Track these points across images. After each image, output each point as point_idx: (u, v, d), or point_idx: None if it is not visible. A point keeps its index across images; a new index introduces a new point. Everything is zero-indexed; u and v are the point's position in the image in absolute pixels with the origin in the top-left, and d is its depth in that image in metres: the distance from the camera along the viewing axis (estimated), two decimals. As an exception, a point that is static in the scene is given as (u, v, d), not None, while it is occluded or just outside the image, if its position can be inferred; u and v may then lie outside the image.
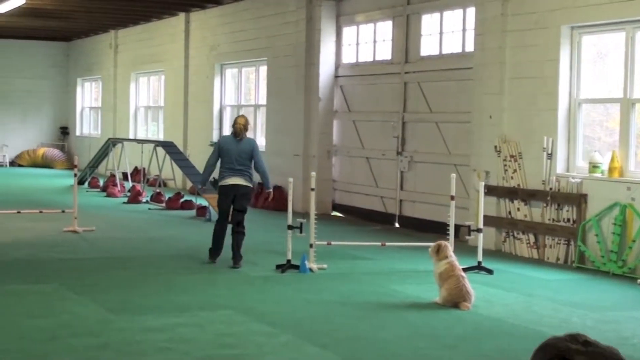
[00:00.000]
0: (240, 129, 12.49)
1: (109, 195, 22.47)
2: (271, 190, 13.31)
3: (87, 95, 35.22)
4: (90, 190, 23.94)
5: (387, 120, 17.85)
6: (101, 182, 24.44)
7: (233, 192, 12.37)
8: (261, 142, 22.33)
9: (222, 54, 23.79)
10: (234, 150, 12.39)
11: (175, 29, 26.17)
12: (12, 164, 33.90)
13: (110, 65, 31.29)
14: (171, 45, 26.43)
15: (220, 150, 12.52)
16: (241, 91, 23.76)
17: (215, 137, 23.83)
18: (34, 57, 34.87)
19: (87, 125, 34.94)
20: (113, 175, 23.95)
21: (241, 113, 21.07)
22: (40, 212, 16.84)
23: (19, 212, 16.58)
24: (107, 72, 31.70)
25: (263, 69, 22.17)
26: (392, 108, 17.70)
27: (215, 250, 12.54)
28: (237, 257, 12.25)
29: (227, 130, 23.79)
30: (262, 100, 22.25)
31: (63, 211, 16.39)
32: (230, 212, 12.56)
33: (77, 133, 34.92)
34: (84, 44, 34.10)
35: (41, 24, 29.32)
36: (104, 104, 32.29)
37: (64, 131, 35.47)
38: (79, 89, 35.15)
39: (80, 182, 22.59)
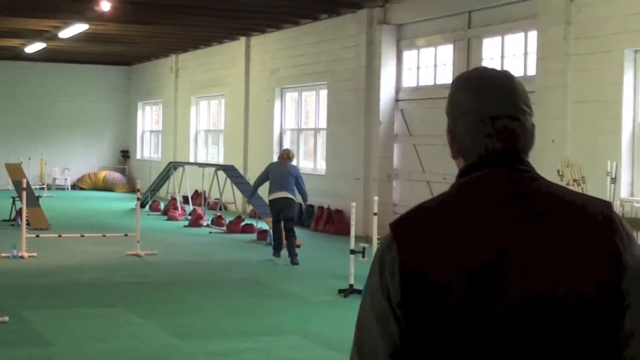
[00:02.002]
0: (284, 157, 15.87)
1: (170, 219, 22.78)
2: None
3: (148, 118, 35.75)
4: (151, 213, 24.27)
5: (448, 144, 17.81)
6: (162, 206, 24.78)
7: (280, 204, 15.21)
8: (321, 165, 22.49)
9: (282, 78, 24.02)
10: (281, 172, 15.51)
11: (235, 53, 26.49)
12: (74, 187, 34.49)
13: (170, 89, 31.75)
14: (232, 69, 26.75)
15: (269, 171, 15.73)
16: (301, 115, 23.96)
17: (275, 161, 24.07)
18: (96, 81, 35.54)
19: (148, 149, 35.42)
20: (174, 199, 24.27)
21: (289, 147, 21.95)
22: (104, 235, 17.15)
23: (82, 236, 16.90)
24: (167, 95, 32.16)
25: (323, 93, 22.34)
26: (453, 132, 17.68)
27: (278, 247, 15.45)
28: (293, 256, 14.99)
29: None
30: (323, 123, 22.40)
31: (126, 235, 16.66)
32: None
33: (138, 156, 35.45)
34: (144, 68, 34.67)
35: (103, 49, 29.89)
36: (165, 128, 32.75)
37: (125, 154, 36.03)
38: (139, 113, 35.72)
39: (142, 206, 22.91)
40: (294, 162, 16.25)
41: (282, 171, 15.51)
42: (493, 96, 2.14)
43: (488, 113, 2.13)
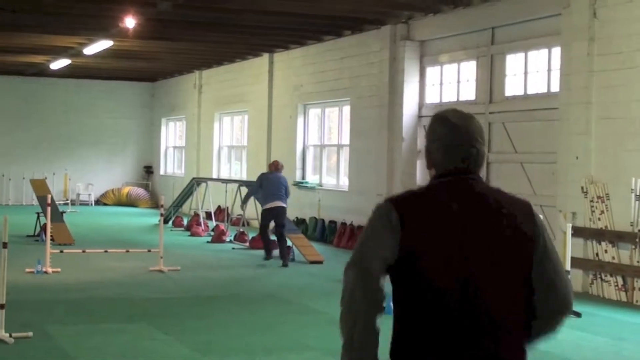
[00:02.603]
0: (276, 168, 17.77)
1: (193, 235, 22.86)
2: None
3: (172, 134, 35.93)
4: (174, 229, 24.36)
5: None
6: (185, 222, 24.87)
7: (276, 212, 16.96)
8: (344, 181, 22.51)
9: (305, 94, 24.10)
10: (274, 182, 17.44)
11: (259, 70, 26.60)
12: (98, 202, 34.69)
13: (194, 105, 31.89)
14: (255, 86, 26.86)
15: (262, 182, 17.60)
16: (324, 131, 24.01)
17: (298, 177, 24.13)
18: (120, 97, 35.78)
19: (171, 165, 35.59)
20: (197, 215, 24.35)
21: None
22: (127, 251, 17.22)
23: (106, 252, 16.98)
24: (191, 112, 32.31)
25: (346, 109, 22.38)
26: (476, 148, 17.65)
27: (269, 251, 17.64)
28: (285, 259, 16.87)
29: (310, 170, 24.17)
30: (345, 140, 22.44)
31: (149, 250, 16.72)
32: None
33: (161, 172, 35.61)
34: (168, 84, 34.87)
35: (127, 65, 30.12)
36: (188, 144, 32.89)
37: (148, 170, 36.21)
38: (163, 129, 35.90)
39: (165, 221, 22.98)
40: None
41: (275, 182, 17.42)
42: (459, 130, 3.26)
43: (455, 141, 3.25)
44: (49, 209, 16.37)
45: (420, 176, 19.53)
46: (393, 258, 3.11)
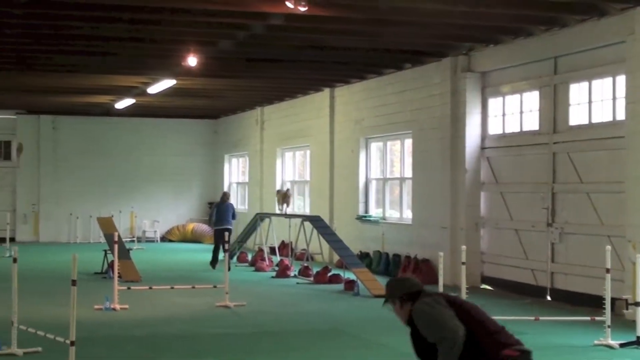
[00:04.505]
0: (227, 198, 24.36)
1: (257, 270, 22.97)
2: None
3: (235, 170, 36.22)
4: (239, 264, 24.50)
5: (536, 191, 17.70)
6: (250, 257, 25.00)
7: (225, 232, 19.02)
8: (407, 214, 22.46)
9: (366, 128, 24.16)
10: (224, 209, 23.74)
11: (320, 104, 26.76)
12: (163, 239, 35.07)
13: (256, 141, 32.15)
14: (316, 120, 27.02)
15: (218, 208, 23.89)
16: (386, 164, 24.01)
17: (361, 211, 24.20)
18: (184, 134, 36.25)
19: (235, 200, 35.76)
20: (261, 250, 24.48)
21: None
22: (193, 287, 17.33)
23: (172, 288, 17.10)
24: (253, 147, 32.58)
25: (408, 142, 22.38)
26: (541, 179, 17.54)
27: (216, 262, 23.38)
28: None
29: (372, 204, 24.26)
30: (408, 172, 22.41)
31: (215, 286, 16.79)
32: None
33: (225, 208, 35.80)
34: (231, 121, 35.23)
35: (190, 103, 30.54)
36: (251, 179, 33.12)
37: (213, 206, 36.42)
38: (226, 165, 36.24)
39: (230, 257, 23.13)
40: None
41: (225, 208, 23.90)
42: None
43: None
44: (116, 246, 16.60)
45: (485, 208, 19.42)
46: None
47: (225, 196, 24.52)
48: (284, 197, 25.58)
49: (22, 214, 34.30)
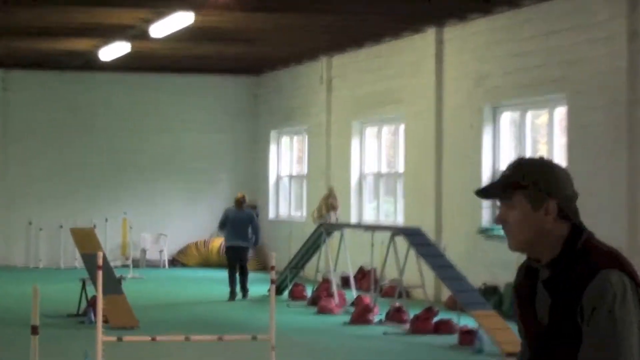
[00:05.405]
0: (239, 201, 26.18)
1: (321, 311, 22.96)
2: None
3: (286, 156, 36.23)
4: (292, 302, 24.50)
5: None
6: (309, 291, 24.98)
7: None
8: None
9: (493, 89, 23.95)
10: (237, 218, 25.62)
11: (420, 53, 26.61)
12: (174, 262, 35.15)
13: (320, 109, 32.06)
14: (414, 79, 26.90)
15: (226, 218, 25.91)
16: (525, 145, 23.71)
17: (486, 221, 24.09)
18: (206, 100, 36.21)
19: (286, 203, 35.84)
20: (327, 281, 24.46)
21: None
22: (219, 338, 17.25)
23: (187, 339, 17.07)
24: (315, 120, 32.51)
25: (559, 111, 22.14)
26: None
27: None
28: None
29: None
30: (559, 156, 22.06)
31: (254, 337, 16.67)
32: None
33: (271, 215, 35.97)
34: (280, 79, 35.30)
35: (216, 51, 30.55)
36: (312, 170, 33.11)
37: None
38: (272, 148, 36.19)
39: (278, 291, 23.12)
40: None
41: (240, 218, 25.82)
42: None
43: (575, 192, 4.53)
44: (99, 273, 16.63)
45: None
46: None
47: (241, 201, 26.34)
48: (326, 202, 25.67)
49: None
